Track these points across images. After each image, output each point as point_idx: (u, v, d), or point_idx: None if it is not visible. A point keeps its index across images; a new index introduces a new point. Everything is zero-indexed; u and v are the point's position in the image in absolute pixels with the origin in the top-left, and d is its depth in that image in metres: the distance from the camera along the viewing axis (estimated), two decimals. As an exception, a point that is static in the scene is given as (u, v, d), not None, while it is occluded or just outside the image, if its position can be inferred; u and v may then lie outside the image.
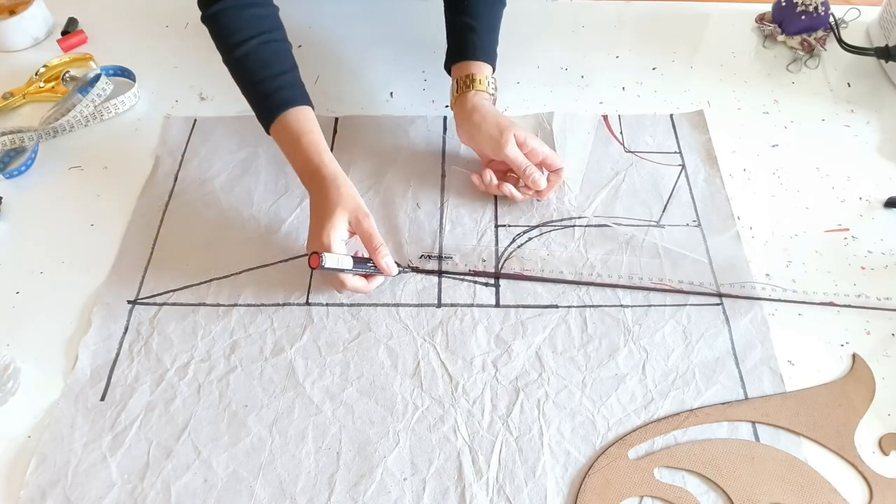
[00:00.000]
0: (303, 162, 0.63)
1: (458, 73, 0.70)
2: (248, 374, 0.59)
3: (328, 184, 0.61)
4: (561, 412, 0.57)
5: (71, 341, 0.61)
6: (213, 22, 0.65)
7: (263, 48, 0.64)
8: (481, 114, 0.68)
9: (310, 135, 0.63)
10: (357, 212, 0.60)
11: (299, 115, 0.64)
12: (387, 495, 0.53)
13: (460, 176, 0.73)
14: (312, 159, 0.62)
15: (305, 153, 0.63)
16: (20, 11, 0.87)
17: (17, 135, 0.75)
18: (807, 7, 0.87)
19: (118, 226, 0.70)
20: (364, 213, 0.61)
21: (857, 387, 0.58)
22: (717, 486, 0.53)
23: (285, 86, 0.65)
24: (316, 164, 0.62)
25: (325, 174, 0.62)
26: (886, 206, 0.71)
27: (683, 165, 0.75)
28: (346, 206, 0.60)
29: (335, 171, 0.62)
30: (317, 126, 0.64)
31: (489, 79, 0.70)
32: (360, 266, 0.60)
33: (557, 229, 0.69)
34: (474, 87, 0.69)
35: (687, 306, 0.63)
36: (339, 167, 0.63)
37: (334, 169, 0.62)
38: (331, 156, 0.63)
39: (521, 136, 0.66)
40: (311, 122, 0.64)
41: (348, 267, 0.59)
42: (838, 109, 0.81)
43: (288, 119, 0.63)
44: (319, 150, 0.63)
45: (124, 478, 0.54)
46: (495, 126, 0.67)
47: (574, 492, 0.53)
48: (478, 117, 0.68)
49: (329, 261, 0.57)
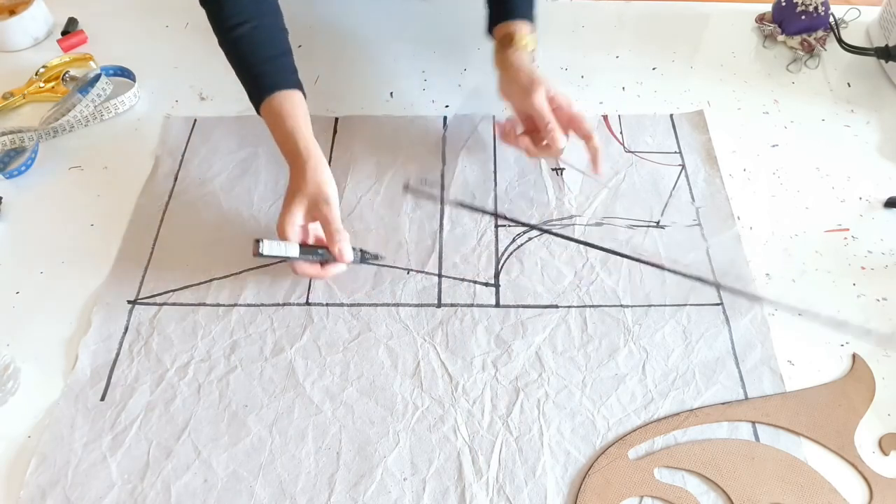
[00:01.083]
0: (283, 145, 0.64)
1: (499, 33, 0.72)
2: (248, 374, 0.59)
3: (297, 169, 0.62)
4: (561, 412, 0.57)
5: (71, 341, 0.61)
6: (211, 4, 0.65)
7: (258, 32, 0.65)
8: (516, 67, 0.69)
9: (291, 119, 0.63)
10: (317, 197, 0.60)
11: (284, 98, 0.64)
12: (387, 495, 0.53)
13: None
14: (289, 144, 0.63)
15: (284, 137, 0.63)
16: (20, 11, 0.87)
17: (17, 135, 0.75)
18: (807, 7, 0.87)
19: (118, 226, 0.70)
20: (324, 198, 0.60)
21: (857, 387, 0.58)
22: (717, 486, 0.53)
23: (275, 70, 0.65)
24: (291, 149, 0.63)
25: (298, 159, 0.62)
26: (886, 206, 0.71)
27: (683, 165, 0.75)
28: (306, 191, 0.60)
29: (307, 157, 0.62)
30: (301, 110, 0.65)
31: (528, 37, 0.71)
32: (307, 253, 0.60)
33: (557, 229, 0.69)
34: (513, 45, 0.70)
35: (687, 306, 0.63)
36: (314, 153, 0.62)
37: (307, 154, 0.62)
38: (307, 141, 0.63)
39: (551, 92, 0.67)
40: (296, 107, 0.64)
41: (294, 254, 0.58)
42: (838, 109, 0.81)
43: (272, 102, 0.64)
44: (297, 135, 0.63)
45: (124, 478, 0.54)
46: (527, 78, 0.68)
47: (574, 492, 0.53)
48: (513, 71, 0.69)
49: (268, 248, 0.57)
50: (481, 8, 0.74)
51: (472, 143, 0.77)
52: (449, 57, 0.87)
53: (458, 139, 0.77)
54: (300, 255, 0.59)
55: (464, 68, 0.86)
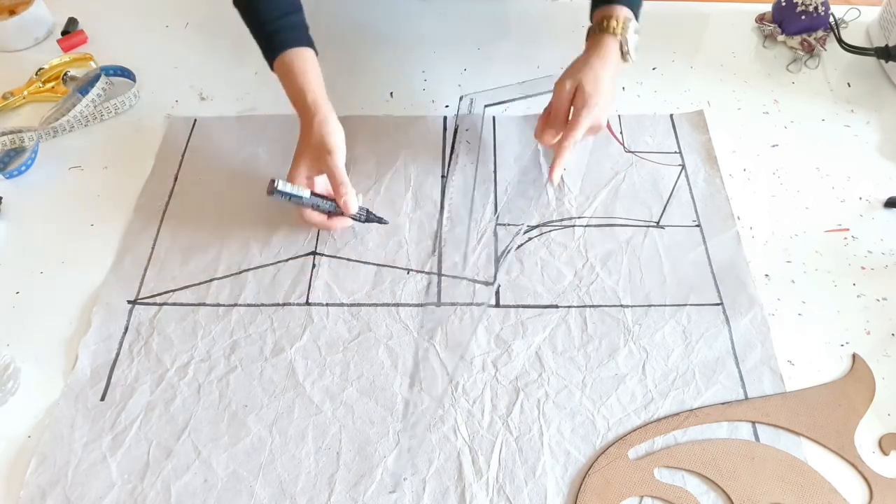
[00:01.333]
0: (294, 102, 0.66)
1: (596, 17, 0.70)
2: (248, 374, 0.59)
3: (305, 124, 0.64)
4: (561, 412, 0.57)
5: (71, 341, 0.61)
6: None
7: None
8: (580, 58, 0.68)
9: (301, 76, 0.65)
10: (320, 148, 0.62)
11: (295, 56, 0.65)
12: (387, 495, 0.53)
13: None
14: (299, 100, 0.65)
15: (295, 93, 0.65)
16: (20, 11, 0.87)
17: (17, 135, 0.75)
18: (807, 7, 0.87)
19: (118, 226, 0.70)
20: (327, 149, 0.62)
21: (857, 387, 0.58)
22: (717, 486, 0.53)
23: (287, 27, 0.66)
24: (300, 105, 0.64)
25: (307, 114, 0.64)
26: (886, 206, 0.71)
27: (683, 165, 0.75)
28: (310, 143, 0.62)
29: (315, 111, 0.63)
30: (311, 65, 0.66)
31: (623, 22, 0.67)
32: (318, 201, 0.62)
33: (557, 229, 0.69)
34: (603, 29, 0.67)
35: (687, 306, 0.63)
36: (323, 107, 0.64)
37: (315, 108, 0.63)
38: (315, 95, 0.64)
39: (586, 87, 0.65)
40: (306, 63, 0.66)
41: (305, 196, 0.61)
42: (838, 109, 0.81)
43: (284, 60, 0.65)
44: (306, 90, 0.64)
45: (124, 478, 0.54)
46: (572, 67, 0.68)
47: (574, 492, 0.53)
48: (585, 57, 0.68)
49: (282, 185, 0.60)
50: (481, 8, 0.74)
51: (473, 142, 0.77)
52: (449, 57, 0.87)
53: (458, 139, 0.77)
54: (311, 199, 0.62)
55: (464, 68, 0.86)
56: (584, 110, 0.64)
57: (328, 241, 0.68)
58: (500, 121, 0.79)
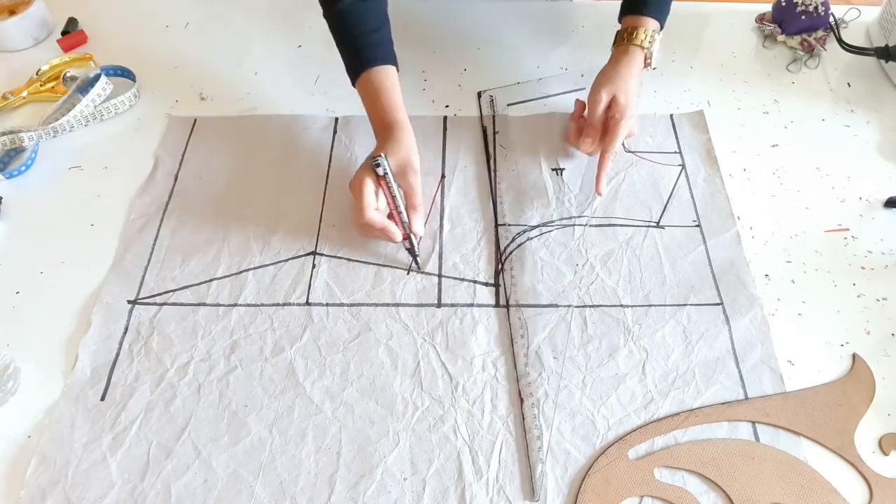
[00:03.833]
0: (376, 117, 0.68)
1: (625, 24, 0.74)
2: (248, 374, 0.59)
3: (388, 137, 0.66)
4: (561, 412, 0.57)
5: (71, 341, 0.61)
6: None
7: (360, 5, 0.68)
8: (608, 66, 0.73)
9: (386, 94, 0.67)
10: (406, 164, 0.65)
11: (379, 74, 0.68)
12: (387, 495, 0.53)
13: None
14: (384, 116, 0.67)
15: (380, 110, 0.67)
16: (20, 11, 0.87)
17: (17, 135, 0.75)
18: (807, 7, 0.87)
19: (118, 226, 0.70)
20: (413, 168, 0.65)
21: (857, 387, 0.58)
22: (717, 486, 0.53)
23: (373, 44, 0.69)
24: (386, 121, 0.67)
25: (391, 128, 0.66)
26: (886, 206, 0.71)
27: (683, 165, 0.75)
28: (397, 155, 0.64)
29: (402, 126, 0.66)
30: (395, 84, 0.69)
31: (651, 35, 0.72)
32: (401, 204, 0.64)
33: (557, 229, 0.69)
34: (631, 39, 0.72)
35: (687, 306, 0.63)
36: (407, 125, 0.67)
37: (402, 124, 0.67)
38: (402, 114, 0.67)
39: (620, 99, 0.70)
40: (389, 81, 0.68)
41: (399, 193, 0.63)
42: (838, 109, 0.81)
43: (369, 77, 0.68)
44: (392, 107, 0.67)
45: (124, 478, 0.54)
46: (603, 76, 0.73)
47: (574, 492, 0.53)
48: (605, 67, 0.73)
49: (385, 165, 0.62)
50: (481, 8, 0.74)
51: (473, 142, 0.77)
52: (449, 57, 0.87)
53: (458, 139, 0.77)
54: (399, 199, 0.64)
55: (464, 68, 0.86)
56: (623, 122, 0.69)
57: (328, 241, 0.68)
58: (499, 120, 0.79)
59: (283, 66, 0.86)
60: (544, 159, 0.75)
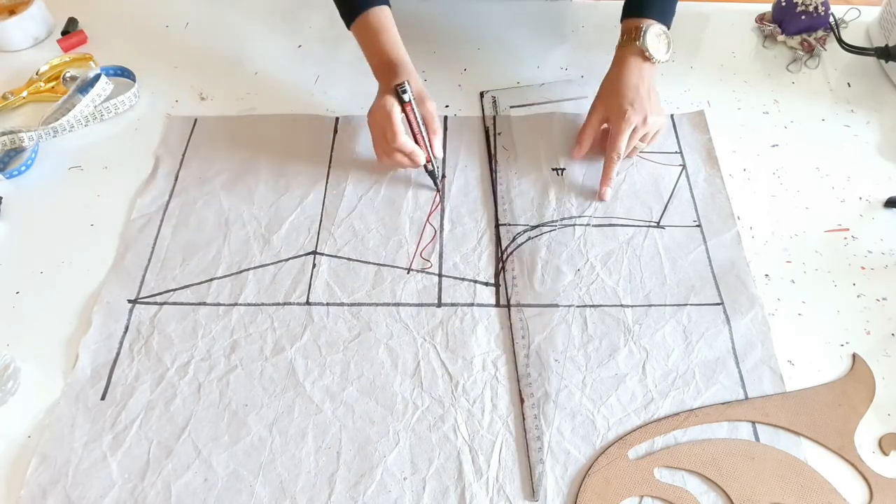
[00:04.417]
0: (377, 57, 0.70)
1: (622, 28, 0.75)
2: (248, 373, 0.59)
3: (396, 68, 0.68)
4: (561, 412, 0.57)
5: (71, 341, 0.61)
6: None
7: None
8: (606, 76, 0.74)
9: (386, 32, 0.69)
10: (422, 90, 0.67)
11: (377, 14, 0.69)
12: (387, 495, 0.53)
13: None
14: (386, 54, 0.69)
15: (381, 49, 0.69)
16: (20, 11, 0.87)
17: (17, 135, 0.75)
18: (807, 7, 0.87)
19: (118, 226, 0.70)
20: (428, 95, 0.68)
21: (857, 387, 0.58)
22: (717, 486, 0.53)
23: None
24: (388, 58, 0.69)
25: (397, 65, 0.68)
26: (886, 206, 0.71)
27: (684, 165, 0.75)
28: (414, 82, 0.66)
29: (406, 63, 0.69)
30: (392, 23, 0.70)
31: (648, 33, 0.71)
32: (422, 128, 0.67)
33: (558, 229, 0.69)
34: (625, 40, 0.72)
35: (687, 306, 0.63)
36: (410, 61, 0.69)
37: (406, 61, 0.69)
38: (404, 51, 0.69)
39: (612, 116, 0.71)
40: (387, 20, 0.70)
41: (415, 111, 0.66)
42: (838, 109, 0.81)
43: (367, 18, 0.69)
44: (393, 44, 0.69)
45: (125, 477, 0.54)
46: (601, 91, 0.74)
47: (574, 492, 0.53)
48: (610, 71, 0.74)
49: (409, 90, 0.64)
50: (481, 8, 0.74)
51: (473, 142, 0.77)
52: (449, 57, 0.87)
53: (459, 139, 0.77)
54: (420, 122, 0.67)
55: (464, 68, 0.86)
56: (619, 136, 0.70)
57: (328, 241, 0.68)
58: (501, 120, 0.79)
59: (283, 65, 0.86)
60: (545, 159, 0.75)
